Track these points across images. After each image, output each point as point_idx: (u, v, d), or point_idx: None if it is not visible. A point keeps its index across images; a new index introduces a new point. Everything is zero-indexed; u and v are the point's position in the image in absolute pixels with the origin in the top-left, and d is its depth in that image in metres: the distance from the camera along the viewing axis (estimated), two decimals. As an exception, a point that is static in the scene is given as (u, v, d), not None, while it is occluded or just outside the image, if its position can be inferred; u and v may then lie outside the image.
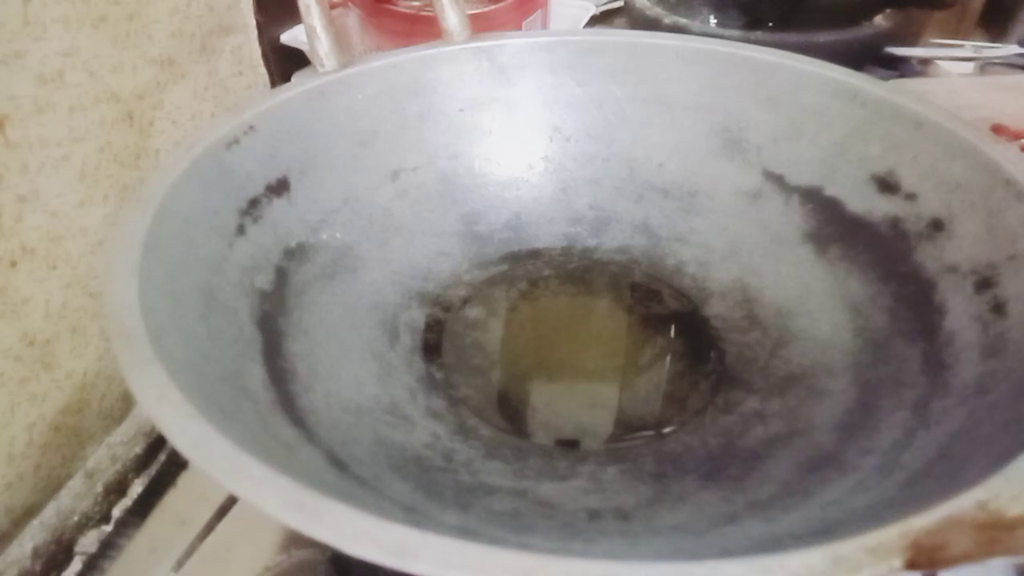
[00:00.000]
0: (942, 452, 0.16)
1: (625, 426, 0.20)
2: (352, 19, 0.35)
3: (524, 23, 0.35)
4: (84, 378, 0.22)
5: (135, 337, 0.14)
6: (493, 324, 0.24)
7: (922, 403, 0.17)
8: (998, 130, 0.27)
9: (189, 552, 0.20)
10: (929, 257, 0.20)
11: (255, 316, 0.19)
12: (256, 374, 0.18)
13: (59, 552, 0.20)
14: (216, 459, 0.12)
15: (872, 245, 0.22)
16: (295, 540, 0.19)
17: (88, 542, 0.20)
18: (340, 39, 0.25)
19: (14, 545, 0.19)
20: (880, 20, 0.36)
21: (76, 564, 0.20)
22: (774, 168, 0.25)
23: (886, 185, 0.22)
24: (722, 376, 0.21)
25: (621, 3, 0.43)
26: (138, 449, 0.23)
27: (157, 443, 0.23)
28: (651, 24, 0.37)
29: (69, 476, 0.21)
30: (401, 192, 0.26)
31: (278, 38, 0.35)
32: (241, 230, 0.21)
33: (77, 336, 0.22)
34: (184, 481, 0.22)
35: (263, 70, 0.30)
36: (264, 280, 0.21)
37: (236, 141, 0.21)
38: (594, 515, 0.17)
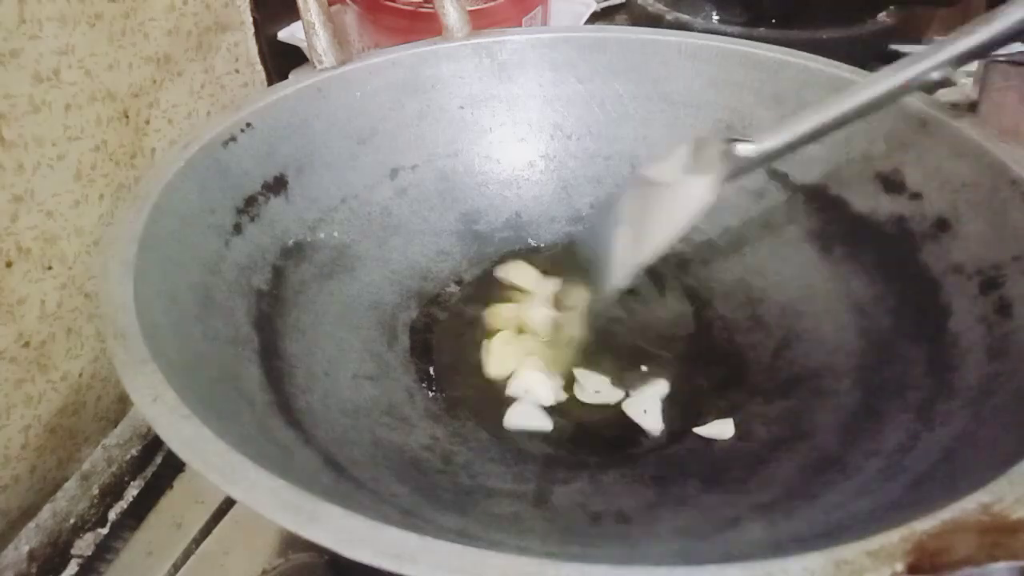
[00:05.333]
0: (946, 455, 0.15)
1: (626, 427, 0.20)
2: (350, 16, 0.34)
3: (524, 19, 0.34)
4: (80, 379, 0.22)
5: (130, 337, 0.14)
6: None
7: (926, 405, 0.17)
8: None
9: (186, 555, 0.20)
10: (934, 257, 0.20)
11: (252, 316, 0.19)
12: (253, 375, 0.18)
13: (55, 555, 0.20)
14: (212, 461, 0.12)
15: (877, 245, 0.21)
16: (293, 543, 0.19)
17: (84, 545, 0.20)
18: (338, 36, 0.24)
19: (10, 548, 0.19)
20: (884, 17, 0.36)
21: (72, 567, 0.20)
22: (778, 166, 0.24)
23: (891, 184, 0.22)
24: (725, 377, 0.21)
25: None
26: (134, 451, 0.22)
27: (153, 445, 0.23)
28: (653, 20, 0.37)
29: (65, 478, 0.21)
30: (400, 190, 0.26)
31: (275, 35, 0.35)
32: (238, 229, 0.20)
33: (73, 337, 0.22)
34: (180, 484, 0.21)
35: (260, 67, 0.30)
36: (261, 280, 0.20)
37: (233, 139, 0.21)
38: (595, 518, 0.17)
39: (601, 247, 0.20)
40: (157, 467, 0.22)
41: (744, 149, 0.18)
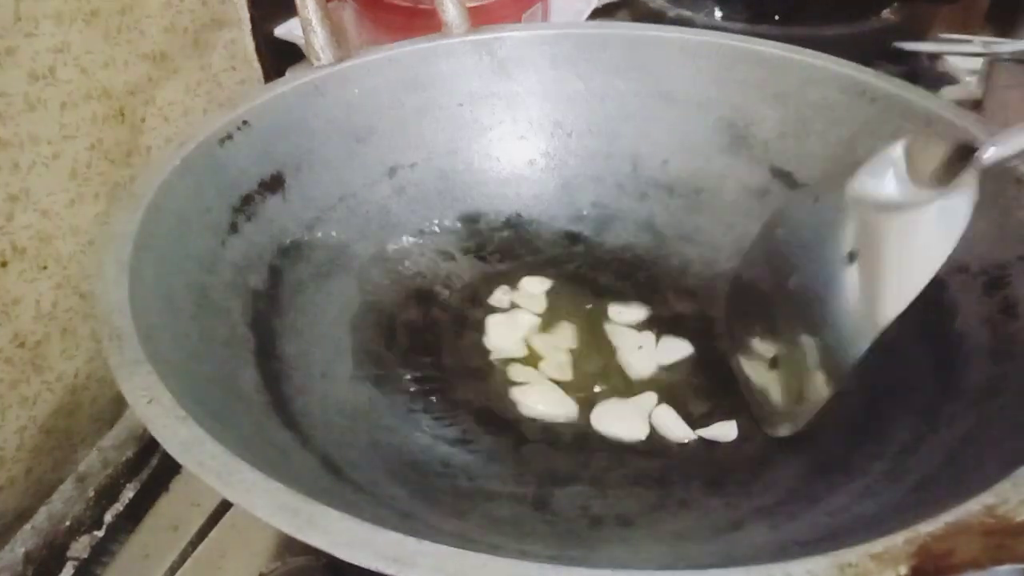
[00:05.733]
0: (950, 457, 0.15)
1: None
2: (348, 12, 0.34)
3: (524, 15, 0.34)
4: (75, 380, 0.22)
5: (126, 338, 0.14)
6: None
7: (931, 406, 0.17)
8: None
9: (182, 558, 0.19)
10: (939, 257, 0.19)
11: (248, 316, 0.19)
12: (249, 376, 0.17)
13: (51, 558, 0.20)
14: (208, 463, 0.12)
15: (881, 244, 0.21)
16: (290, 546, 0.19)
17: (80, 548, 0.20)
18: (336, 33, 0.24)
19: (5, 550, 0.19)
20: (887, 14, 0.36)
21: (68, 570, 0.20)
22: (782, 165, 0.24)
23: (896, 183, 0.21)
24: (728, 378, 0.21)
25: (623, -4, 0.42)
26: (130, 453, 0.22)
27: (149, 447, 0.22)
28: (655, 17, 0.36)
29: (60, 480, 0.21)
30: (398, 189, 0.25)
31: (272, 32, 0.35)
32: (234, 228, 0.20)
33: (68, 337, 0.22)
34: (177, 486, 0.21)
35: (257, 65, 0.30)
36: (258, 279, 0.20)
37: (229, 137, 0.21)
38: (596, 521, 0.17)
39: (819, 285, 0.15)
40: (153, 469, 0.22)
41: (991, 154, 0.14)
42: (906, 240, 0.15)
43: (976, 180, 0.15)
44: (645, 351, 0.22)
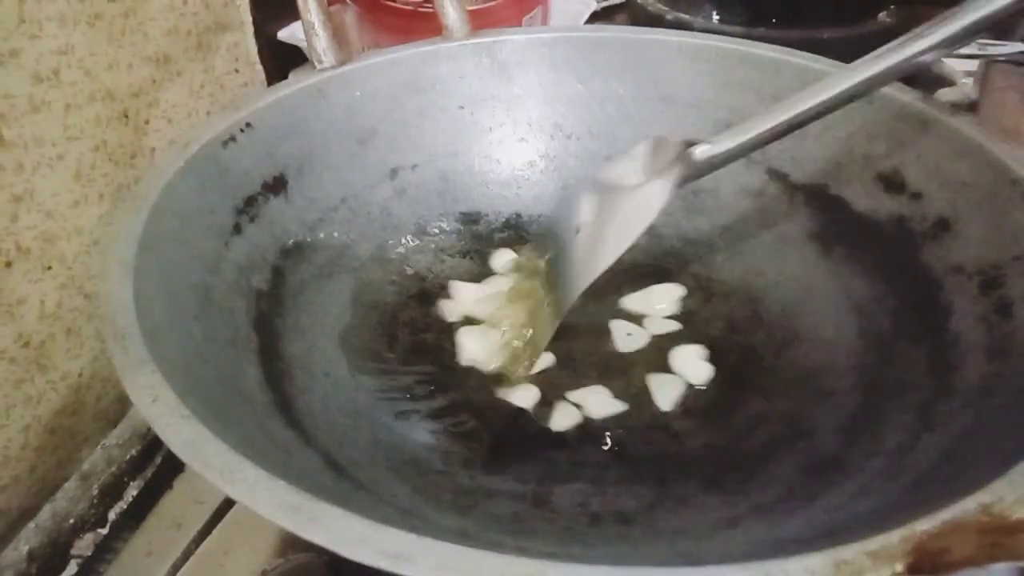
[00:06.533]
0: (946, 455, 0.15)
1: (627, 429, 0.20)
2: (350, 15, 0.34)
3: (524, 19, 0.35)
4: (79, 380, 0.22)
5: (130, 338, 0.14)
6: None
7: (927, 405, 0.17)
8: None
9: (186, 556, 0.20)
10: (935, 257, 0.20)
11: (251, 316, 0.19)
12: (252, 375, 0.18)
13: (55, 555, 0.20)
14: (211, 461, 0.12)
15: (877, 245, 0.21)
16: (292, 543, 0.19)
17: (84, 545, 0.20)
18: (338, 36, 0.24)
19: (9, 548, 0.19)
20: (884, 17, 0.36)
21: (72, 567, 0.20)
22: (778, 166, 0.24)
23: (892, 184, 0.22)
24: (726, 378, 0.21)
25: (622, -1, 0.43)
26: (134, 451, 0.22)
27: (153, 445, 0.23)
28: (653, 20, 0.37)
29: (64, 479, 0.21)
30: (400, 190, 0.26)
31: (275, 35, 0.35)
32: (237, 229, 0.20)
33: (72, 337, 0.22)
34: (180, 484, 0.21)
35: (259, 67, 0.30)
36: (261, 280, 0.20)
37: (232, 139, 0.21)
38: (595, 519, 0.17)
39: (560, 252, 0.20)
40: (157, 467, 0.22)
41: (700, 151, 0.18)
42: (613, 214, 0.19)
43: (677, 171, 0.18)
44: (635, 338, 0.22)
